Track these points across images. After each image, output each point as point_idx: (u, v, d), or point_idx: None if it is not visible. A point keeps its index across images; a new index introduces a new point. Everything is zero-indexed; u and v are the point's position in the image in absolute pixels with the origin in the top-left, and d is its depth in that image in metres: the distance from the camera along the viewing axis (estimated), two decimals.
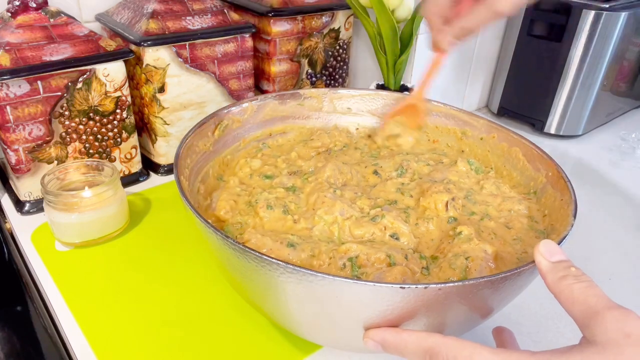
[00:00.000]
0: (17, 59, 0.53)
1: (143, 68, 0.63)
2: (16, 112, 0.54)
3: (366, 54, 0.87)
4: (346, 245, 0.40)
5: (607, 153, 0.83)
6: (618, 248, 0.60)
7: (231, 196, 0.47)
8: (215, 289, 0.50)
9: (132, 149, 0.66)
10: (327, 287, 0.31)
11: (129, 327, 0.46)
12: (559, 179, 0.45)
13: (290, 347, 0.44)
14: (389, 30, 0.69)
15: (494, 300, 0.36)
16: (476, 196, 0.49)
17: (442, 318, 0.34)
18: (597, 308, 0.28)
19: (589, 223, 0.63)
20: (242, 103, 0.55)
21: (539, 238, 0.44)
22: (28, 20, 0.55)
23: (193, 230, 0.55)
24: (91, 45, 0.57)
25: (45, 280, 0.51)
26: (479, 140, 0.56)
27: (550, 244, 0.32)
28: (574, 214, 0.40)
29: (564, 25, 0.79)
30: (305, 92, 0.59)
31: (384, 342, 0.33)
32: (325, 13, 0.77)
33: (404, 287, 0.30)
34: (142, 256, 0.54)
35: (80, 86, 0.57)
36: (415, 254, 0.41)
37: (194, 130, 0.49)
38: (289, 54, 0.76)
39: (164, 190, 0.66)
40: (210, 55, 0.66)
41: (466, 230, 0.42)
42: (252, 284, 0.37)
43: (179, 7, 0.64)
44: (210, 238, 0.36)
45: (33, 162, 0.58)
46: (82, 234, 0.54)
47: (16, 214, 0.60)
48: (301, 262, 0.40)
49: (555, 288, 0.30)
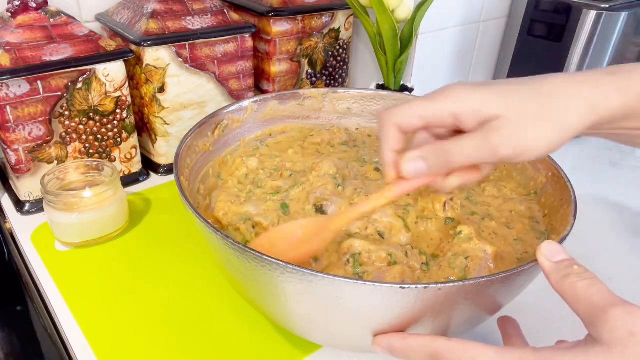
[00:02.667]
0: (17, 59, 0.53)
1: (143, 68, 0.63)
2: (16, 112, 0.54)
3: (366, 54, 0.87)
4: (349, 242, 0.40)
5: (607, 153, 0.82)
6: (618, 248, 0.60)
7: (229, 197, 0.47)
8: (215, 289, 0.50)
9: (132, 149, 0.66)
10: (327, 287, 0.31)
11: (129, 327, 0.46)
12: (559, 179, 0.45)
13: (290, 347, 0.44)
14: (389, 30, 0.69)
15: (495, 300, 0.36)
16: (477, 197, 0.49)
17: (443, 318, 0.34)
18: (602, 305, 0.28)
19: (589, 223, 0.63)
20: (242, 103, 0.55)
21: (539, 239, 0.44)
22: (28, 20, 0.55)
23: (193, 230, 0.55)
24: (91, 45, 0.57)
25: (45, 280, 0.51)
26: None
27: (552, 245, 0.32)
28: (574, 214, 0.40)
29: (564, 25, 0.79)
30: (305, 92, 0.59)
31: (391, 348, 0.33)
32: (325, 13, 0.77)
33: (403, 287, 0.30)
34: (142, 256, 0.54)
35: (80, 86, 0.57)
36: (415, 249, 0.42)
37: (194, 130, 0.49)
38: (289, 54, 0.76)
39: (164, 190, 0.66)
40: (210, 55, 0.66)
41: (466, 230, 0.42)
42: (252, 284, 0.37)
43: (179, 7, 0.64)
44: (210, 238, 0.36)
45: (33, 162, 0.58)
46: (82, 234, 0.54)
47: (16, 214, 0.60)
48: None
49: (559, 287, 0.30)
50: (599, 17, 0.76)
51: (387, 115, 0.37)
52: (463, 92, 0.34)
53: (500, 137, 0.33)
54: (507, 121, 0.33)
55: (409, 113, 0.36)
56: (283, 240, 0.41)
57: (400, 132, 0.36)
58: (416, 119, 0.35)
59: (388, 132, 0.37)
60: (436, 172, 0.36)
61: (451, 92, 0.35)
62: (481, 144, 0.33)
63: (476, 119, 0.34)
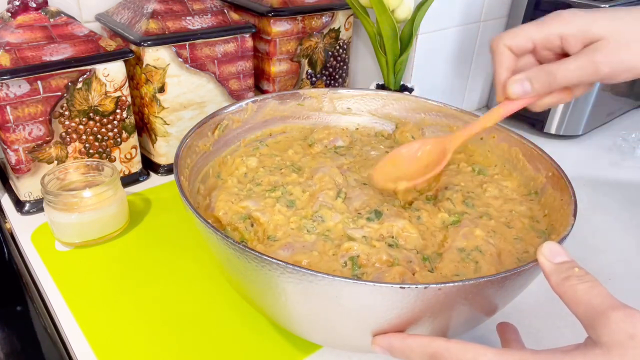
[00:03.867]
0: (17, 59, 0.53)
1: (143, 68, 0.63)
2: (16, 112, 0.54)
3: (366, 54, 0.87)
4: (348, 244, 0.40)
5: (607, 153, 0.82)
6: (618, 248, 0.60)
7: (229, 196, 0.47)
8: (215, 289, 0.50)
9: (132, 149, 0.66)
10: (327, 287, 0.31)
11: (129, 327, 0.46)
12: (559, 179, 0.45)
13: (290, 347, 0.44)
14: (389, 30, 0.68)
15: (495, 300, 0.36)
16: (476, 200, 0.49)
17: (443, 318, 0.34)
18: (602, 308, 0.28)
19: (589, 223, 0.63)
20: (242, 103, 0.55)
21: (540, 238, 0.44)
22: (28, 20, 0.55)
23: (193, 230, 0.55)
24: (91, 45, 0.57)
25: (45, 280, 0.51)
26: (478, 140, 0.56)
27: (553, 245, 0.32)
28: (574, 214, 0.40)
29: None
30: (305, 92, 0.59)
31: (391, 348, 0.33)
32: (325, 13, 0.77)
33: (403, 287, 0.30)
34: (142, 256, 0.54)
35: (80, 86, 0.57)
36: (419, 254, 0.41)
37: (194, 130, 0.49)
38: (289, 54, 0.76)
39: (164, 190, 0.66)
40: (210, 55, 0.66)
41: (466, 229, 0.42)
42: (252, 284, 0.37)
43: (179, 7, 0.64)
44: (210, 238, 0.36)
45: (33, 162, 0.58)
46: (82, 234, 0.54)
47: (16, 214, 0.60)
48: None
49: (559, 289, 0.30)
50: None
51: (499, 38, 0.40)
52: (571, 15, 0.37)
53: (602, 55, 0.36)
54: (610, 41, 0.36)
55: (520, 35, 0.39)
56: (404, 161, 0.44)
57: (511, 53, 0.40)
58: (526, 40, 0.39)
59: (501, 54, 0.40)
60: (541, 92, 0.39)
61: (560, 15, 0.38)
62: (584, 63, 0.36)
63: (582, 40, 0.37)
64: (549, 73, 0.38)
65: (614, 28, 0.36)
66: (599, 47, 0.36)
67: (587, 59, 0.36)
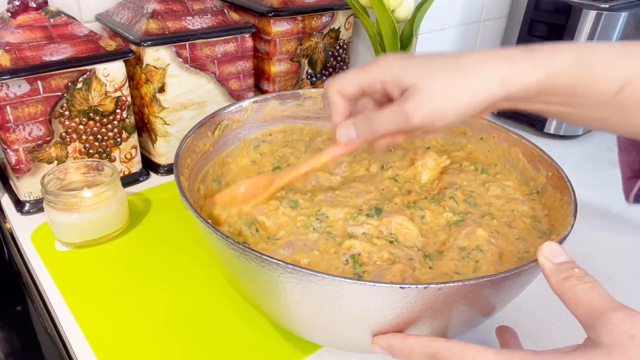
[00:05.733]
0: (17, 59, 0.53)
1: (143, 68, 0.63)
2: (16, 112, 0.54)
3: (366, 54, 0.87)
4: (349, 242, 0.41)
5: (607, 153, 0.82)
6: (618, 248, 0.60)
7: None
8: (215, 289, 0.50)
9: (132, 149, 0.66)
10: (327, 287, 0.31)
11: (129, 327, 0.46)
12: (559, 179, 0.45)
13: (290, 347, 0.44)
14: (389, 30, 0.69)
15: (495, 300, 0.36)
16: (479, 199, 0.49)
17: (443, 318, 0.34)
18: (602, 309, 0.28)
19: (589, 223, 0.63)
20: (242, 103, 0.55)
21: (541, 238, 0.44)
22: (28, 20, 0.55)
23: (193, 230, 0.55)
24: (91, 45, 0.57)
25: (45, 280, 0.51)
26: (478, 140, 0.56)
27: (553, 246, 0.32)
28: (574, 214, 0.40)
29: (564, 25, 0.79)
30: (305, 92, 0.59)
31: (391, 348, 0.33)
32: (325, 13, 0.77)
33: (403, 287, 0.30)
34: (142, 256, 0.54)
35: (80, 86, 0.57)
36: (420, 252, 0.42)
37: (194, 130, 0.49)
38: (289, 54, 0.76)
39: (164, 190, 0.66)
40: (210, 55, 0.66)
41: (469, 229, 0.42)
42: (252, 284, 0.37)
43: (179, 7, 0.64)
44: (210, 238, 0.36)
45: (33, 162, 0.58)
46: (82, 234, 0.54)
47: (16, 214, 0.60)
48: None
49: (559, 289, 0.30)
50: (599, 17, 0.76)
51: (329, 82, 0.40)
52: (389, 61, 0.37)
53: (412, 105, 0.35)
54: (420, 90, 0.35)
55: (347, 80, 0.39)
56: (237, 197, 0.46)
57: (342, 98, 0.39)
58: (352, 85, 0.39)
59: (332, 98, 0.40)
60: (367, 138, 0.38)
61: (382, 60, 0.37)
62: (396, 112, 0.35)
63: (397, 87, 0.36)
64: (370, 120, 0.37)
65: (421, 76, 0.35)
66: (409, 95, 0.35)
67: (399, 108, 0.35)
